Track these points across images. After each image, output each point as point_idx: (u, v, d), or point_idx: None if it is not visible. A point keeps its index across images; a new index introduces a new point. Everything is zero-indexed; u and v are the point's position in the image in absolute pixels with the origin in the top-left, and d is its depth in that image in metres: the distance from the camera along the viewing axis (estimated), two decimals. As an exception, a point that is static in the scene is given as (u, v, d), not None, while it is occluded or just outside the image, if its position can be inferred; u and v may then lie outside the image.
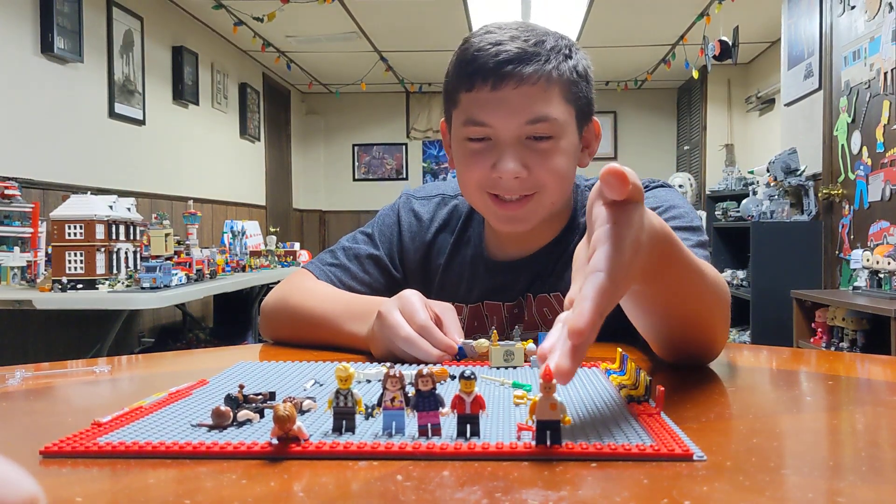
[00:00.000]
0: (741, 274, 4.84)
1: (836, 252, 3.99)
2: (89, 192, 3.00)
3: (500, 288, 1.13)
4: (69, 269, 2.57)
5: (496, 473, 0.46)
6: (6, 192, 2.94)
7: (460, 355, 0.83)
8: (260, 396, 0.61)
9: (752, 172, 5.19)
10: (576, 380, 0.72)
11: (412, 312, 0.84)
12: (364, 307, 0.96)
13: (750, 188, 4.90)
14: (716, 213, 5.29)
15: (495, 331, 0.82)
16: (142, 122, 4.57)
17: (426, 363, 0.81)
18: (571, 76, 0.99)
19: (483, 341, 0.82)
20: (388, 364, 0.79)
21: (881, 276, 3.18)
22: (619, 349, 0.77)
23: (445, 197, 1.20)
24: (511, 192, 0.99)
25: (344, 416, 0.54)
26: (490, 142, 0.99)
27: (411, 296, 0.87)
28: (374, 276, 1.15)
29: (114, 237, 2.69)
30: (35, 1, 3.55)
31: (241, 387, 0.60)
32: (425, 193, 1.21)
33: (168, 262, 2.91)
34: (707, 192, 6.10)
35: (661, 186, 1.12)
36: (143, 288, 2.61)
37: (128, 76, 4.40)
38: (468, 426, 0.52)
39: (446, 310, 0.88)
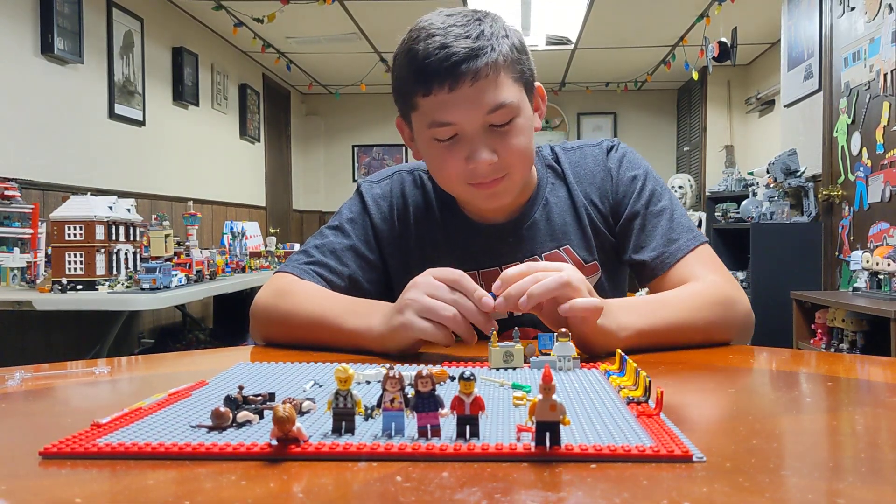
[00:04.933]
0: (741, 275, 4.84)
1: (836, 253, 3.99)
2: (89, 193, 3.00)
3: (491, 251, 1.17)
4: (69, 269, 2.57)
5: (496, 475, 0.46)
6: (6, 192, 2.94)
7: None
8: (259, 397, 0.61)
9: (751, 174, 5.19)
10: (575, 381, 0.72)
11: (447, 279, 0.88)
12: (365, 304, 0.98)
13: (750, 189, 4.90)
14: (715, 214, 5.29)
15: (495, 332, 0.82)
16: (142, 123, 4.57)
17: (471, 318, 0.86)
18: (514, 54, 1.04)
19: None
20: (388, 365, 0.79)
21: (881, 277, 3.18)
22: (619, 350, 0.77)
23: (401, 172, 1.24)
24: (486, 178, 1.05)
25: (343, 418, 0.54)
26: (457, 136, 1.03)
27: (425, 273, 0.90)
28: (352, 268, 1.16)
29: (114, 238, 2.69)
30: (35, 2, 3.55)
31: (241, 388, 0.60)
32: (381, 176, 1.25)
33: (168, 262, 2.91)
34: (707, 194, 6.10)
35: (617, 146, 1.23)
36: (142, 289, 2.61)
37: (128, 77, 4.41)
38: (468, 427, 0.52)
39: (460, 274, 0.90)
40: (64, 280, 2.55)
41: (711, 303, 1.01)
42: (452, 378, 0.72)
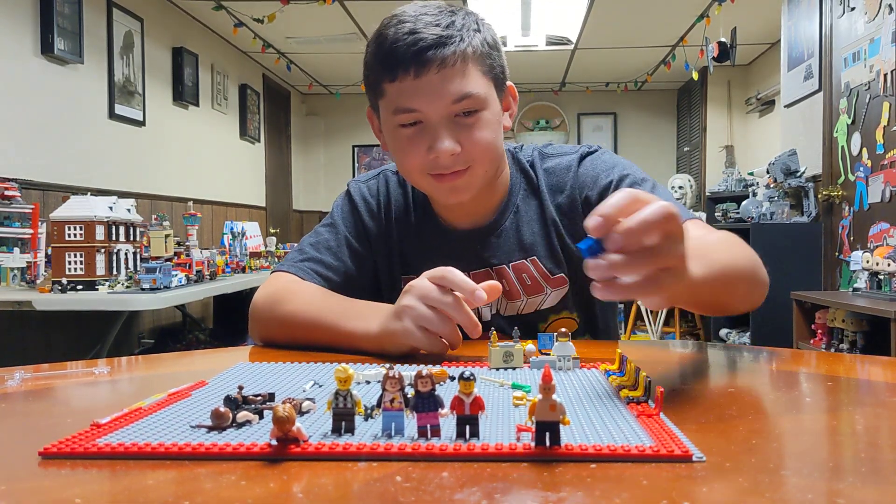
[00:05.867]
0: (741, 275, 4.83)
1: (836, 253, 3.99)
2: (89, 193, 3.00)
3: (462, 254, 1.16)
4: (69, 270, 2.57)
5: (495, 475, 0.46)
6: (6, 192, 2.94)
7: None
8: (259, 397, 0.61)
9: (751, 174, 5.20)
10: (575, 381, 0.72)
11: (435, 278, 0.87)
12: (363, 306, 0.98)
13: (750, 189, 4.90)
14: (716, 214, 5.29)
15: (495, 332, 0.82)
16: (142, 123, 4.57)
17: (465, 321, 0.84)
18: (484, 49, 1.04)
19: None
20: (388, 365, 0.79)
21: (881, 277, 3.18)
22: (619, 350, 0.77)
23: (387, 171, 1.25)
24: (447, 169, 1.04)
25: (343, 418, 0.54)
26: (421, 125, 1.03)
27: (421, 276, 0.89)
28: (347, 263, 1.17)
29: (114, 238, 2.69)
30: (35, 2, 3.55)
31: (241, 388, 0.60)
32: (368, 176, 1.27)
33: (168, 263, 2.91)
34: (707, 194, 6.11)
35: (594, 153, 1.18)
36: (142, 289, 2.61)
37: (128, 77, 4.41)
38: (467, 427, 0.52)
39: (447, 271, 0.88)
40: (64, 280, 2.55)
41: (741, 243, 0.92)
42: (452, 378, 0.72)
